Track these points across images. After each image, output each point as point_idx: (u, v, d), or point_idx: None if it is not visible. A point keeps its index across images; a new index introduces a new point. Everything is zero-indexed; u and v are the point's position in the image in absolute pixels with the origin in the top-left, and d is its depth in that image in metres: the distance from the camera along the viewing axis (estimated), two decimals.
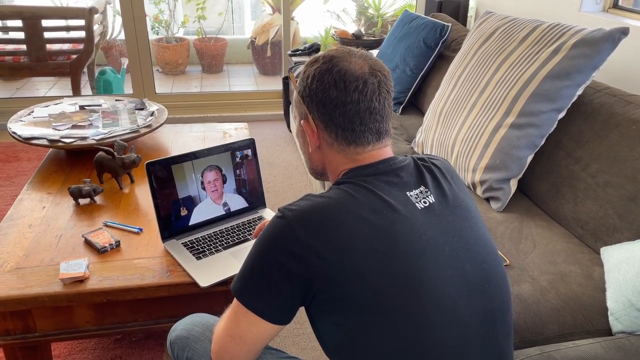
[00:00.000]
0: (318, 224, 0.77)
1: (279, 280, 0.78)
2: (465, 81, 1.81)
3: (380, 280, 0.75)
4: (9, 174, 2.64)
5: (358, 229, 0.77)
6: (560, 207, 1.53)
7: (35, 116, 2.04)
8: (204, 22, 4.66)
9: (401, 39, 2.51)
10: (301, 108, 0.91)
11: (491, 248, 0.88)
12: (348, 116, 0.85)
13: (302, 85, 0.90)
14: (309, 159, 0.96)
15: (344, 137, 0.87)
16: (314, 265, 0.75)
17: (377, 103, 0.86)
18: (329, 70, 0.86)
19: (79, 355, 1.55)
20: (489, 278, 0.84)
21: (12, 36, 3.58)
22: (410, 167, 0.89)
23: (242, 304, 0.81)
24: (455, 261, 0.81)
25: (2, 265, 1.28)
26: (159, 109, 2.15)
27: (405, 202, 0.82)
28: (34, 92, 4.01)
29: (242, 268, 0.83)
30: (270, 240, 0.79)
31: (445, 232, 0.83)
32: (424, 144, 1.96)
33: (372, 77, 0.86)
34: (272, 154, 2.99)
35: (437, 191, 0.87)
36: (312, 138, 0.91)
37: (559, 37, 1.59)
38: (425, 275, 0.77)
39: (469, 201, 0.91)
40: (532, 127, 1.56)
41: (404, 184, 0.85)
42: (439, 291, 0.78)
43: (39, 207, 1.56)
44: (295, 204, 0.80)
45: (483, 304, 0.82)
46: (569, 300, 1.23)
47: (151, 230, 1.44)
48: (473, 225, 0.87)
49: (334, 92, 0.85)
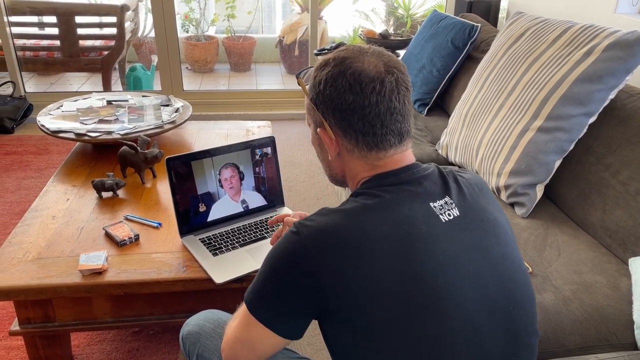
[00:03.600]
0: (333, 244, 0.73)
1: (292, 297, 0.75)
2: (492, 82, 1.77)
3: (398, 301, 0.71)
4: (39, 166, 2.71)
5: (375, 248, 0.72)
6: (588, 215, 1.48)
7: (63, 110, 2.08)
8: (234, 20, 4.69)
9: (429, 39, 2.47)
10: (315, 116, 0.87)
11: (519, 266, 0.83)
12: (368, 120, 0.81)
13: (314, 91, 0.85)
14: (328, 166, 0.92)
15: (365, 142, 0.82)
16: (328, 285, 0.72)
17: (397, 102, 0.82)
18: (342, 73, 0.81)
19: (98, 347, 1.57)
20: (514, 299, 0.80)
21: (46, 32, 3.68)
22: (434, 175, 0.84)
23: (253, 316, 0.78)
24: (479, 281, 0.77)
25: (24, 255, 1.31)
26: (184, 105, 2.17)
27: (428, 216, 0.77)
28: (67, 87, 4.12)
29: (256, 279, 0.80)
30: (283, 258, 0.76)
31: (470, 248, 0.78)
32: (449, 146, 1.92)
33: (389, 75, 0.81)
34: (295, 153, 2.98)
35: (462, 202, 0.82)
36: (331, 146, 0.86)
37: (591, 38, 1.53)
38: (446, 296, 0.73)
39: (498, 214, 0.86)
40: (561, 131, 1.51)
41: (428, 194, 0.80)
42: (459, 313, 0.74)
43: (63, 199, 1.59)
44: (310, 219, 0.77)
45: (506, 326, 0.78)
46: (593, 312, 1.18)
47: (170, 225, 1.45)
48: (501, 241, 0.82)
49: (350, 96, 0.80)
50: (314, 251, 0.73)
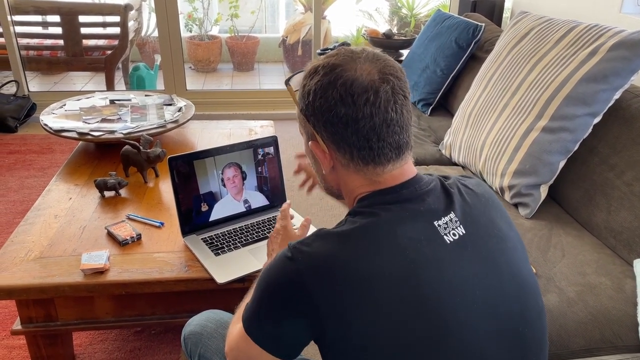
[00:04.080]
0: (331, 275, 0.68)
1: (287, 323, 0.71)
2: (496, 82, 1.76)
3: (400, 333, 0.67)
4: (42, 165, 2.71)
5: (375, 278, 0.67)
6: (592, 216, 1.47)
7: (66, 109, 2.08)
8: (237, 20, 4.69)
9: (432, 39, 2.46)
10: (307, 127, 0.80)
11: (529, 284, 0.79)
12: (362, 134, 0.74)
13: (304, 102, 0.78)
14: (323, 179, 0.86)
15: (360, 157, 0.76)
16: (325, 316, 0.68)
17: (394, 113, 0.74)
18: (332, 84, 0.74)
19: (100, 346, 1.57)
20: (524, 320, 0.76)
21: (50, 31, 3.69)
22: (437, 190, 0.78)
23: (249, 337, 0.75)
24: (487, 306, 0.72)
25: (26, 254, 1.31)
26: (186, 105, 2.17)
27: (432, 237, 0.72)
28: (71, 87, 4.12)
29: (252, 299, 0.76)
30: (278, 285, 0.72)
31: (477, 271, 0.73)
32: (452, 146, 1.91)
33: (384, 83, 0.74)
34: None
35: (468, 219, 0.76)
36: (324, 160, 0.79)
37: (596, 38, 1.52)
38: (452, 325, 0.69)
39: (507, 228, 0.80)
40: (566, 132, 1.50)
41: (431, 212, 0.74)
42: (465, 344, 0.70)
43: (65, 198, 1.58)
44: (306, 244, 0.71)
45: (515, 349, 0.74)
46: (597, 314, 1.17)
47: (172, 225, 1.45)
48: (509, 259, 0.77)
49: (341, 109, 0.73)
50: (310, 281, 0.68)
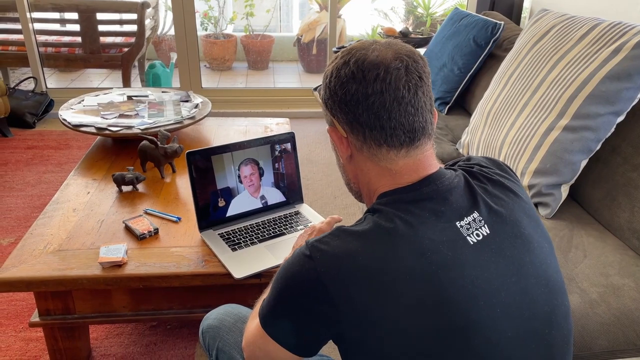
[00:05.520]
0: (350, 276, 0.67)
1: (305, 322, 0.71)
2: (516, 80, 1.73)
3: (422, 335, 0.66)
4: (59, 160, 2.74)
5: (396, 282, 0.66)
6: (615, 217, 1.44)
7: (85, 105, 2.10)
8: (252, 19, 4.70)
9: (450, 37, 2.44)
10: (327, 115, 0.81)
11: (556, 284, 0.77)
12: (373, 110, 0.73)
13: (323, 87, 0.79)
14: (344, 172, 0.86)
15: (372, 137, 0.75)
16: (343, 318, 0.67)
17: (406, 91, 0.72)
18: (346, 63, 0.75)
19: (116, 340, 1.58)
20: (550, 322, 0.74)
21: (68, 28, 3.72)
22: (460, 187, 0.75)
23: (266, 333, 0.75)
24: (513, 308, 0.70)
25: (45, 247, 1.32)
26: (203, 101, 2.17)
27: (455, 238, 0.70)
28: (87, 84, 4.16)
29: (269, 295, 0.76)
30: (295, 283, 0.71)
31: (502, 272, 0.71)
32: (470, 145, 1.89)
33: (396, 61, 0.73)
34: (313, 151, 2.97)
35: (492, 218, 0.74)
36: (341, 146, 0.79)
37: (620, 36, 1.49)
38: (476, 328, 0.67)
39: (534, 226, 0.78)
40: (588, 131, 1.47)
41: (454, 211, 0.72)
42: (490, 346, 0.68)
43: (84, 192, 1.59)
44: (325, 242, 0.70)
45: (541, 352, 0.73)
46: (620, 315, 1.15)
47: (189, 220, 1.45)
48: (534, 259, 0.75)
49: (352, 86, 0.73)
50: (328, 281, 0.67)
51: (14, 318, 1.65)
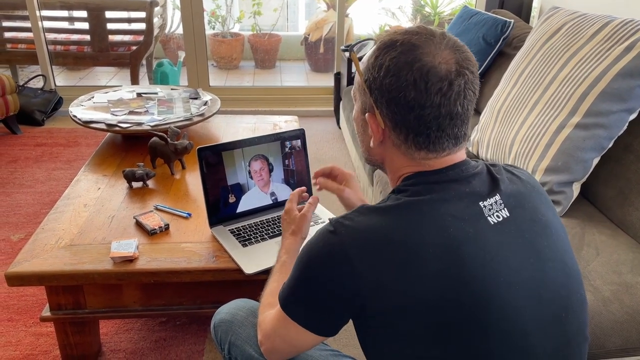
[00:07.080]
0: (374, 248, 0.68)
1: (328, 299, 0.72)
2: (527, 78, 1.72)
3: (442, 306, 0.67)
4: (68, 157, 2.75)
5: (419, 253, 0.67)
6: (627, 215, 1.43)
7: (95, 101, 2.10)
8: (259, 17, 4.70)
9: (459, 35, 2.43)
10: (366, 99, 0.78)
11: (572, 271, 0.78)
12: (424, 121, 0.73)
13: (371, 74, 0.75)
14: (367, 150, 0.85)
15: (415, 141, 0.75)
16: (367, 290, 0.68)
17: (460, 107, 0.73)
18: (409, 65, 0.71)
19: (125, 335, 1.58)
20: (566, 307, 0.75)
21: (77, 26, 3.74)
22: (483, 174, 0.77)
23: (288, 316, 0.76)
24: (529, 288, 0.71)
25: (57, 242, 1.32)
26: (212, 99, 2.18)
27: (476, 217, 0.72)
28: (96, 82, 4.18)
29: (290, 276, 0.77)
30: (319, 259, 0.71)
31: (521, 254, 0.72)
32: (480, 143, 1.88)
33: (459, 77, 0.72)
34: (321, 149, 2.97)
35: (512, 202, 0.76)
36: (377, 134, 0.78)
37: (633, 33, 1.48)
38: (495, 304, 0.68)
39: (551, 216, 0.79)
40: (600, 128, 1.46)
41: (476, 193, 0.74)
42: (508, 323, 0.69)
43: (94, 187, 1.60)
44: (349, 218, 0.72)
45: (557, 334, 0.73)
46: (634, 313, 1.14)
47: (199, 216, 1.45)
48: (552, 244, 0.76)
49: (411, 93, 0.71)
50: (354, 255, 0.68)
51: (24, 313, 1.66)
